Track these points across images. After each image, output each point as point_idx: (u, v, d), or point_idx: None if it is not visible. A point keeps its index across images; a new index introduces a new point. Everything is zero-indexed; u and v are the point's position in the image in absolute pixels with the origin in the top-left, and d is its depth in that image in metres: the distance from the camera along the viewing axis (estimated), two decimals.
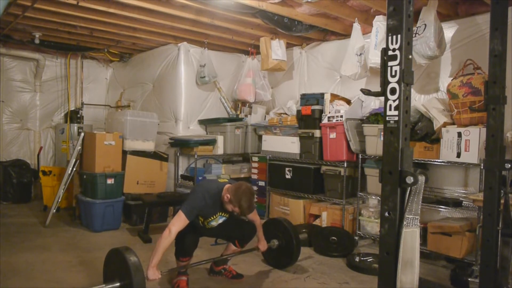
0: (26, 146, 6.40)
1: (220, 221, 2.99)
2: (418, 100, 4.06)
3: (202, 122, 5.65)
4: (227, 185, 2.85)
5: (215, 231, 3.12)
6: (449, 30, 3.87)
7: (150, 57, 6.06)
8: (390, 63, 1.43)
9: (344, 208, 4.27)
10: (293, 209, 4.71)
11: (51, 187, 5.27)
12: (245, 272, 3.31)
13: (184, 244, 2.88)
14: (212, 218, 2.92)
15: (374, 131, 3.96)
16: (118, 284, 2.40)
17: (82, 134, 4.90)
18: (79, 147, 4.82)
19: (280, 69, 5.11)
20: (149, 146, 5.12)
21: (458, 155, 3.43)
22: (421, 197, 1.42)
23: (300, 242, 3.44)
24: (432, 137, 3.66)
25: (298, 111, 4.64)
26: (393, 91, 1.43)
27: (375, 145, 3.95)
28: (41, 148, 6.38)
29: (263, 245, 3.23)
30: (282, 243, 3.39)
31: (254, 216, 3.15)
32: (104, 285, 2.44)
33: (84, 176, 4.65)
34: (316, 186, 4.57)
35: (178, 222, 2.70)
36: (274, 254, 3.45)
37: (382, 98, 1.47)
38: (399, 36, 1.41)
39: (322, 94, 4.55)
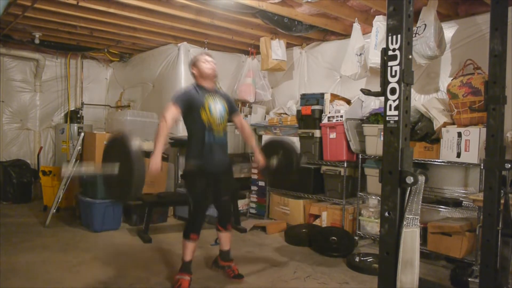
0: (26, 146, 6.40)
1: (218, 104, 2.99)
2: (418, 100, 4.06)
3: None
4: None
5: (216, 187, 3.02)
6: (449, 30, 3.87)
7: (150, 57, 6.06)
8: (390, 63, 1.43)
9: (344, 208, 4.27)
10: (293, 209, 4.71)
11: (51, 187, 5.27)
12: (244, 272, 3.30)
13: (196, 218, 2.91)
14: (207, 103, 2.92)
15: (374, 131, 3.96)
16: (117, 170, 2.30)
17: (82, 134, 4.90)
18: (79, 147, 4.82)
19: (280, 69, 5.11)
20: (149, 146, 5.10)
21: (458, 155, 3.43)
22: (421, 197, 1.41)
23: (300, 164, 3.31)
24: (432, 137, 3.66)
25: (298, 111, 4.64)
26: (393, 91, 1.42)
27: (375, 145, 3.95)
28: (41, 148, 6.38)
29: (260, 159, 3.16)
30: (281, 162, 3.24)
31: (239, 120, 3.25)
32: (103, 169, 2.33)
33: (84, 176, 4.65)
34: (316, 186, 4.57)
35: (169, 110, 2.80)
36: (272, 173, 3.33)
37: (382, 98, 1.47)
38: (399, 36, 1.41)
39: (322, 94, 4.55)
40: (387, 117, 1.44)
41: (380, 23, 3.89)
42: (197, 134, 2.93)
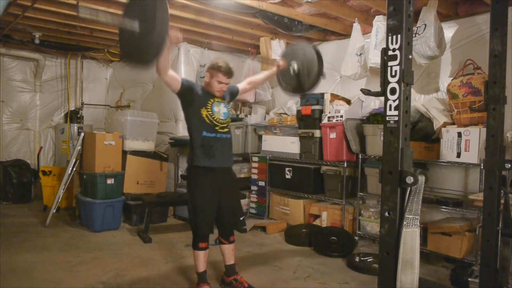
0: (26, 146, 6.41)
1: (223, 107, 2.87)
2: (418, 100, 4.06)
3: None
4: None
5: (223, 199, 2.90)
6: (449, 30, 3.87)
7: None
8: (390, 63, 1.43)
9: (344, 208, 4.27)
10: (293, 209, 4.71)
11: (51, 187, 5.28)
12: (244, 272, 3.29)
13: (201, 224, 2.78)
14: (210, 102, 2.82)
15: (374, 131, 3.96)
16: (137, 24, 2.07)
17: (82, 134, 4.91)
18: (79, 147, 4.83)
19: None
20: (149, 146, 5.12)
21: (458, 155, 3.43)
22: (421, 197, 1.41)
23: (322, 74, 3.09)
24: (432, 137, 3.66)
25: (298, 111, 4.64)
26: (393, 91, 1.43)
27: (375, 145, 3.95)
28: (41, 148, 6.39)
29: (283, 62, 3.11)
30: (302, 70, 3.06)
31: (245, 86, 3.14)
32: (123, 20, 2.12)
33: (84, 176, 4.65)
34: (316, 186, 4.57)
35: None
36: (289, 78, 3.16)
37: (382, 98, 1.47)
38: (399, 36, 1.41)
39: (322, 94, 4.55)
40: (387, 117, 1.44)
41: (380, 23, 3.89)
42: (198, 130, 2.79)
